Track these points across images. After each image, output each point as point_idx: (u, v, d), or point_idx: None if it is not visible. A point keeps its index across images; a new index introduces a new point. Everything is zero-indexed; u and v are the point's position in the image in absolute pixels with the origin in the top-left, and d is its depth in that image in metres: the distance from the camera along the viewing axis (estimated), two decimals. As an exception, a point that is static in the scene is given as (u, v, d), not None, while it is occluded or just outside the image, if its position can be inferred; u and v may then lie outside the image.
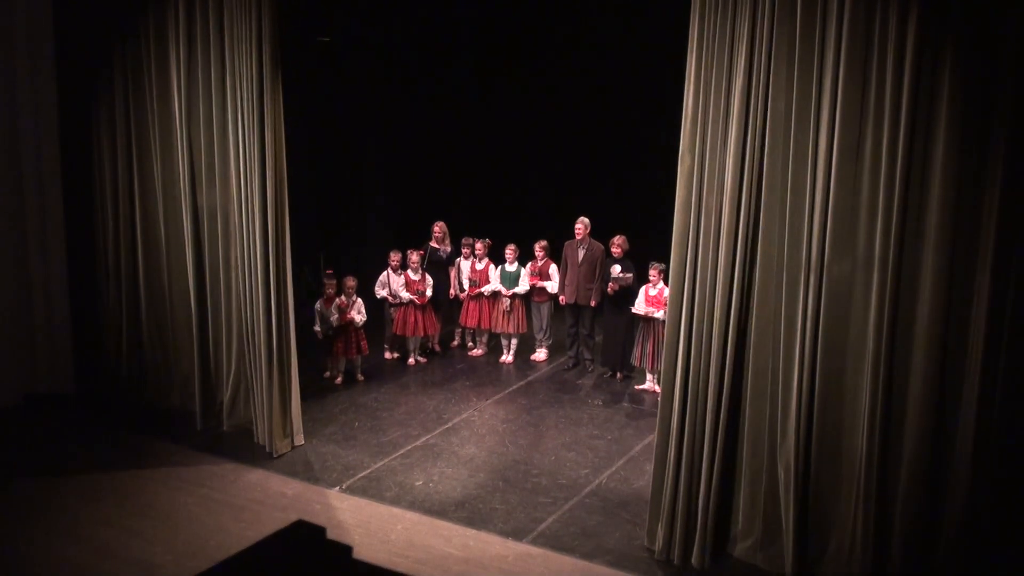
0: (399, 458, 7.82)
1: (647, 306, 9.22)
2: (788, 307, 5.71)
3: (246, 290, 7.81)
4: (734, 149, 5.69)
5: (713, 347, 5.90)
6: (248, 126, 7.47)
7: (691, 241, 5.97)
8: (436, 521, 6.72)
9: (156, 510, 6.83)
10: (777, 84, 5.53)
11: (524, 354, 10.69)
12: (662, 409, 6.23)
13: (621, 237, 9.66)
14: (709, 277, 5.90)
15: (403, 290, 10.18)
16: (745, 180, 5.70)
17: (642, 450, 8.03)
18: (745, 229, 5.75)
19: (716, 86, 5.74)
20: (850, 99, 5.31)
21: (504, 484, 7.34)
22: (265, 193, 7.49)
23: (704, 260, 5.91)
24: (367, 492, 7.17)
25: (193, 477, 7.41)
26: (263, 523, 6.61)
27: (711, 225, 5.85)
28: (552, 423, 8.73)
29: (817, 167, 5.48)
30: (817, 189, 5.48)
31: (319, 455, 7.86)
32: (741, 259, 5.79)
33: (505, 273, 10.41)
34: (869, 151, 5.33)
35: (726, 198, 5.76)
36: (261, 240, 7.57)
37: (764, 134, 5.63)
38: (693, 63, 5.83)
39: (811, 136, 5.49)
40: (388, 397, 9.40)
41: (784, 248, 5.69)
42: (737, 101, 5.65)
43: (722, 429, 5.91)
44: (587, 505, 7.00)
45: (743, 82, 5.60)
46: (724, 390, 5.89)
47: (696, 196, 5.91)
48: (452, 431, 8.47)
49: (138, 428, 8.32)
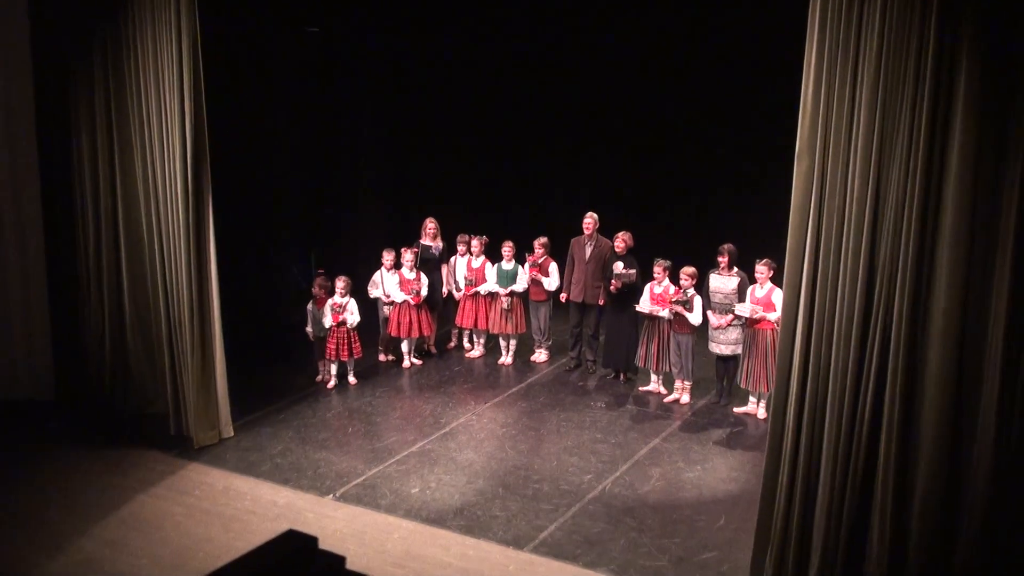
0: (394, 464, 7.81)
1: (652, 304, 9.20)
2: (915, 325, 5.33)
3: (170, 278, 8.00)
4: (862, 147, 5.34)
5: (834, 368, 5.54)
6: (169, 113, 7.73)
7: (809, 250, 5.63)
8: (433, 530, 6.70)
9: (141, 520, 6.80)
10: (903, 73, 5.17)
11: (523, 355, 10.68)
12: (772, 437, 5.90)
13: (625, 233, 9.66)
14: (830, 290, 5.56)
15: (397, 290, 10.17)
16: (871, 182, 5.34)
17: (647, 454, 8.02)
18: (871, 236, 5.39)
19: (841, 77, 5.38)
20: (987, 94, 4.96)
21: (504, 491, 7.33)
22: (187, 175, 7.71)
23: (825, 271, 5.56)
24: (361, 500, 7.16)
25: (179, 486, 7.40)
26: (253, 533, 6.60)
27: (832, 231, 5.52)
28: (553, 427, 8.71)
29: (948, 166, 5.11)
30: (948, 190, 5.11)
31: (311, 462, 7.85)
32: (866, 269, 5.41)
33: (502, 271, 10.39)
34: (1012, 151, 4.95)
35: (852, 202, 5.42)
36: (184, 229, 7.80)
37: (897, 130, 5.24)
38: (814, 50, 5.46)
39: (944, 131, 5.11)
40: (382, 401, 9.38)
41: (909, 255, 5.28)
42: (866, 93, 5.29)
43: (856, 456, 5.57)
44: (590, 512, 6.99)
45: (873, 70, 5.25)
46: (863, 417, 5.48)
47: (816, 200, 5.57)
48: (449, 436, 8.45)
49: (122, 435, 8.29)
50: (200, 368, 8.00)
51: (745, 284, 8.82)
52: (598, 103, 12.68)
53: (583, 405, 9.27)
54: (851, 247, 5.47)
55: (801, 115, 5.60)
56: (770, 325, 8.44)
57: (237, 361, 10.78)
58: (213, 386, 8.12)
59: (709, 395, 9.35)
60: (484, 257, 10.55)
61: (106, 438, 8.24)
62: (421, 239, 10.69)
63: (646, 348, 9.40)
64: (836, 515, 5.64)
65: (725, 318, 8.83)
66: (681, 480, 7.56)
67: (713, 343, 9.01)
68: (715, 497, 7.26)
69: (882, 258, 5.39)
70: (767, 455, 5.99)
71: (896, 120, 5.26)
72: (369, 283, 10.35)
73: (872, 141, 5.35)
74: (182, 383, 8.11)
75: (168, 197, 7.93)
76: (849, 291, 5.51)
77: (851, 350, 5.51)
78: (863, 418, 5.51)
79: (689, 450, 8.16)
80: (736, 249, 8.93)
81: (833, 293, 5.58)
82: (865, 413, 5.49)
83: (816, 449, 5.72)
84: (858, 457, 5.54)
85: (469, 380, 10.09)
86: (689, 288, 8.99)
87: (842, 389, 5.55)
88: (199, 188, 7.85)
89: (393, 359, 10.62)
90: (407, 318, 10.22)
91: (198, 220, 7.87)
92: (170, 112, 7.76)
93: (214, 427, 8.14)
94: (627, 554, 6.37)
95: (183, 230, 7.83)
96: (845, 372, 5.55)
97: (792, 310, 5.77)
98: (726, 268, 8.91)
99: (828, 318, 5.61)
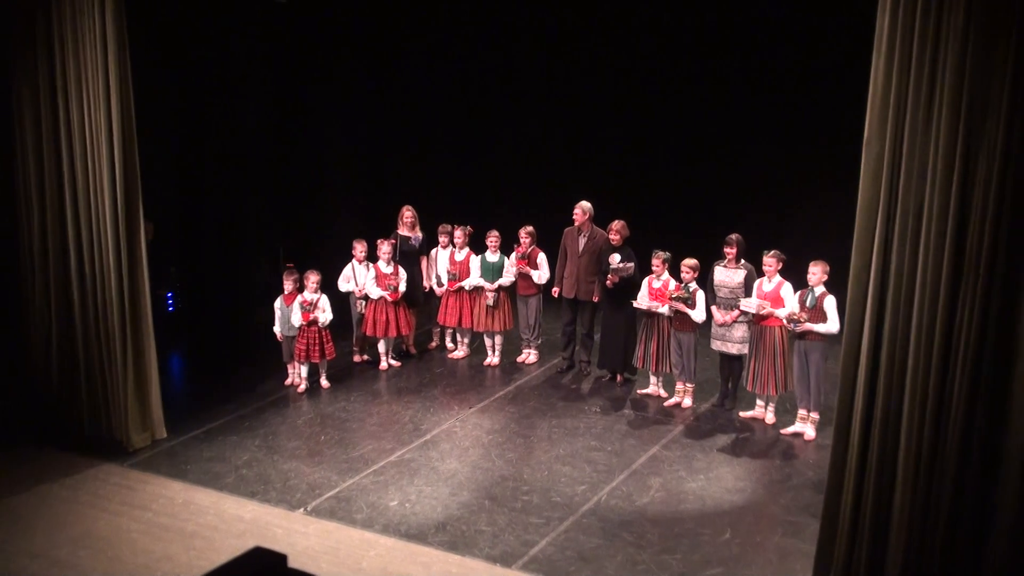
0: (371, 475, 7.79)
1: (651, 300, 9.21)
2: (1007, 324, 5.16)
3: (97, 274, 8.09)
4: (945, 130, 5.15)
5: (911, 382, 5.42)
6: (95, 104, 7.86)
7: (877, 247, 5.49)
8: (414, 546, 6.69)
9: (94, 538, 6.76)
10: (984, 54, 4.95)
11: (511, 355, 10.68)
12: (836, 446, 5.86)
13: (620, 223, 9.65)
14: (905, 287, 5.42)
15: (373, 285, 10.14)
16: (957, 170, 5.14)
17: (646, 463, 8.03)
18: (956, 231, 5.18)
19: (918, 57, 5.21)
20: None
21: (490, 503, 7.33)
22: (114, 168, 7.84)
23: (899, 271, 5.43)
24: (335, 514, 7.14)
25: (136, 500, 7.36)
26: (217, 551, 6.56)
27: (908, 225, 5.35)
28: (544, 434, 8.71)
29: None
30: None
31: (280, 473, 7.83)
32: (950, 265, 5.23)
33: (486, 264, 10.38)
34: None
35: (934, 192, 5.23)
36: (112, 224, 7.95)
37: (988, 110, 5.04)
38: (887, 21, 5.31)
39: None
40: (358, 406, 9.36)
41: (999, 252, 5.11)
42: (950, 68, 5.09)
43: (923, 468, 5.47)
44: (584, 526, 6.98)
45: (958, 50, 5.06)
46: (949, 436, 5.33)
47: (887, 191, 5.42)
48: (431, 444, 8.44)
49: (72, 446, 8.24)
50: (133, 368, 8.15)
51: (752, 277, 8.82)
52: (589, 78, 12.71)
53: (576, 410, 9.27)
54: (932, 244, 5.26)
55: (871, 93, 5.43)
56: (778, 322, 8.45)
57: (199, 364, 10.83)
58: (146, 385, 8.26)
59: (713, 398, 9.36)
60: (468, 249, 10.53)
61: (55, 449, 8.19)
62: (398, 229, 10.66)
63: (645, 347, 9.41)
64: (916, 546, 5.46)
65: (730, 314, 8.84)
66: (683, 491, 7.56)
67: (717, 341, 9.02)
68: (720, 509, 7.26)
69: (969, 256, 5.16)
70: (830, 471, 5.93)
71: (986, 98, 5.03)
72: (340, 277, 10.32)
73: (958, 123, 5.12)
74: (112, 383, 8.18)
75: (95, 190, 8.01)
76: (930, 296, 5.30)
77: (931, 361, 5.32)
78: (947, 437, 5.31)
79: (692, 458, 8.17)
80: (744, 240, 8.92)
81: (909, 296, 5.40)
82: (949, 431, 5.30)
83: (888, 469, 5.57)
84: (943, 477, 5.36)
85: (452, 383, 10.08)
86: (691, 282, 8.99)
87: (920, 405, 5.38)
88: (127, 181, 7.94)
89: (369, 360, 10.59)
90: (384, 316, 10.19)
91: (128, 215, 7.95)
92: (95, 103, 7.85)
93: (147, 428, 8.30)
94: (624, 571, 6.36)
95: (111, 225, 7.93)
96: (925, 388, 5.37)
97: (858, 314, 5.61)
98: (733, 260, 8.91)
99: (903, 324, 5.44)
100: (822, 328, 8.16)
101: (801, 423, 8.58)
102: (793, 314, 8.23)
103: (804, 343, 8.32)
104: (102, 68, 7.79)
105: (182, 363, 10.96)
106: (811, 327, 8.18)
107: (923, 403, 5.40)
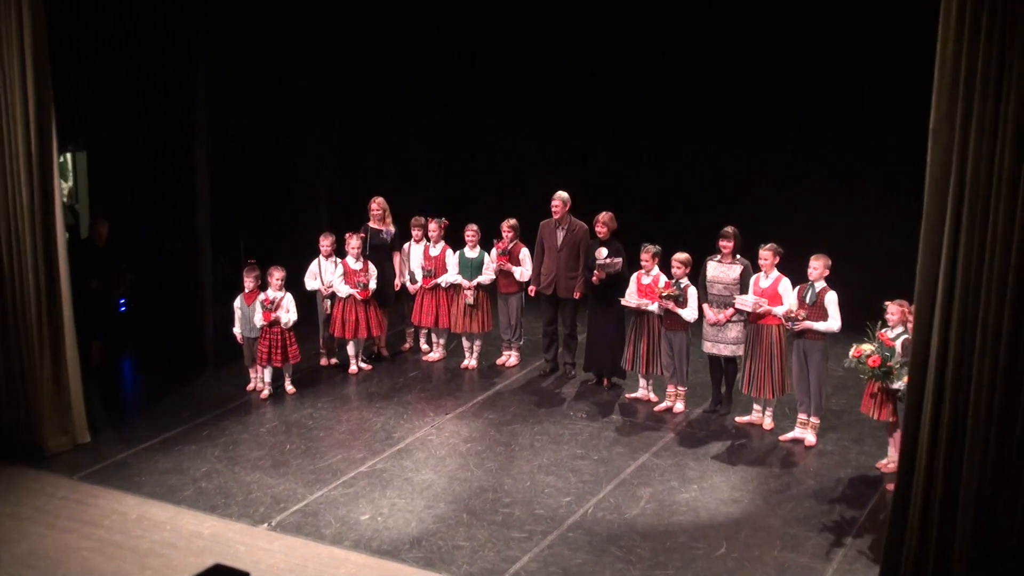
0: (340, 487, 7.79)
1: (640, 298, 9.23)
2: None
3: (16, 270, 8.16)
4: (1013, 117, 5.23)
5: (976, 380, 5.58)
6: (11, 98, 7.96)
7: (947, 238, 5.59)
8: (386, 563, 6.68)
9: (40, 558, 6.71)
10: None
11: (490, 358, 10.69)
12: (904, 448, 5.97)
13: (607, 215, 9.66)
14: (972, 283, 5.52)
15: (341, 282, 10.12)
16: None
17: (635, 472, 8.06)
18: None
19: (987, 37, 5.27)
20: None
21: (469, 517, 7.34)
22: (31, 159, 7.95)
23: (967, 262, 5.52)
24: (302, 529, 7.13)
25: (87, 516, 7.32)
26: (174, 570, 6.55)
27: (977, 214, 5.44)
28: (526, 441, 8.73)
29: None
30: None
31: (242, 485, 7.81)
32: (1018, 262, 5.35)
33: (465, 260, 10.37)
34: None
35: (1001, 181, 5.33)
36: (29, 219, 8.05)
37: None
38: (954, 3, 5.39)
39: None
40: (325, 413, 9.35)
41: None
42: (1020, 57, 5.16)
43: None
44: (570, 540, 7.00)
45: None
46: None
47: (956, 180, 5.49)
48: (404, 453, 8.44)
49: (12, 457, 8.18)
50: (51, 367, 8.19)
51: (748, 273, 8.84)
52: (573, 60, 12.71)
53: (561, 415, 9.29)
54: (1000, 235, 5.38)
55: (937, 80, 5.48)
56: (776, 321, 8.50)
57: (153, 368, 10.75)
58: (65, 386, 8.29)
59: (706, 403, 9.40)
60: (444, 243, 10.53)
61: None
62: (369, 223, 10.64)
63: (633, 349, 9.43)
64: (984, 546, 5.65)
65: (724, 313, 8.87)
66: (675, 502, 7.59)
67: (708, 343, 9.04)
68: (714, 521, 7.29)
69: None
70: (900, 464, 6.05)
71: None
72: (306, 274, 10.29)
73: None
74: (29, 384, 8.22)
75: (10, 180, 8.08)
76: (997, 289, 5.43)
77: (998, 359, 5.47)
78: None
79: (684, 467, 8.20)
80: (740, 233, 8.92)
81: (976, 293, 5.51)
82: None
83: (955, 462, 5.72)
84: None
85: (427, 387, 10.08)
86: (682, 278, 9.01)
87: (988, 401, 5.54)
88: (44, 168, 8.03)
89: (337, 364, 10.58)
90: (353, 316, 10.17)
91: (44, 209, 8.06)
92: (11, 97, 7.95)
93: (67, 432, 8.32)
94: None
95: (28, 219, 8.05)
96: (993, 385, 5.52)
97: (927, 309, 5.72)
98: (729, 255, 8.93)
99: (970, 320, 5.56)
100: (822, 326, 8.22)
101: (801, 428, 8.63)
102: (791, 311, 8.28)
103: (803, 342, 8.37)
104: (18, 60, 7.84)
105: (135, 367, 10.89)
106: (810, 325, 8.23)
107: (988, 400, 5.54)
